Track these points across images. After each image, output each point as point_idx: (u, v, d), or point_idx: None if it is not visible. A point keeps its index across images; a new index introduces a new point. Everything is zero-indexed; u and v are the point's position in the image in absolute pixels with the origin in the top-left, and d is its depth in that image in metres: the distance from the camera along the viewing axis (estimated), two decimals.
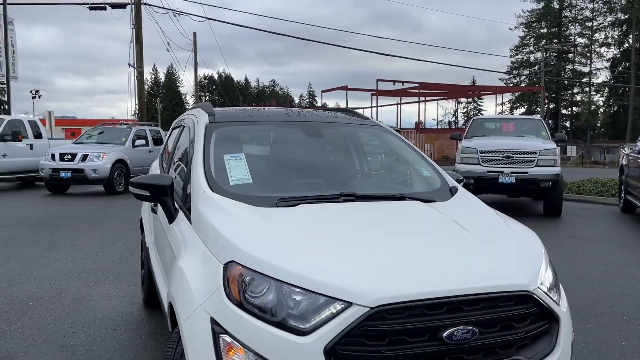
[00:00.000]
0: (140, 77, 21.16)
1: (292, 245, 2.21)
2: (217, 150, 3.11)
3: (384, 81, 46.24)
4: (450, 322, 1.98)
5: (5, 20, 19.53)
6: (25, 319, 4.41)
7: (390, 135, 3.74)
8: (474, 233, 2.53)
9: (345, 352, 1.89)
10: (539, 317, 2.19)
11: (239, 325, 1.99)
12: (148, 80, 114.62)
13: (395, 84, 46.70)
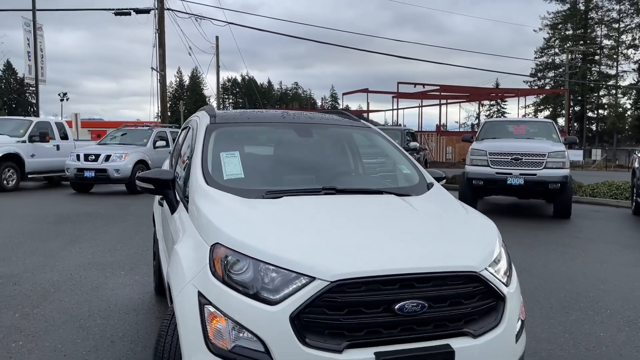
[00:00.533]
0: (162, 80, 21.77)
1: (269, 230, 2.54)
2: (215, 148, 3.45)
3: (405, 83, 46.33)
4: (403, 297, 2.28)
5: (35, 26, 20.34)
6: (47, 303, 4.82)
7: (378, 136, 4.04)
8: (435, 221, 2.82)
9: (308, 320, 2.20)
10: (486, 296, 2.46)
11: (221, 298, 2.31)
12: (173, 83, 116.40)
13: (416, 86, 46.71)
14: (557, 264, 6.67)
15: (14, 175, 14.28)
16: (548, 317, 4.66)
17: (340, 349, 2.19)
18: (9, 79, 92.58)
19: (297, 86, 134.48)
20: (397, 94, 48.63)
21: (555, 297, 5.27)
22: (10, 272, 5.85)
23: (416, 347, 2.28)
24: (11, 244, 7.32)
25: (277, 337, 2.18)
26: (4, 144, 14.05)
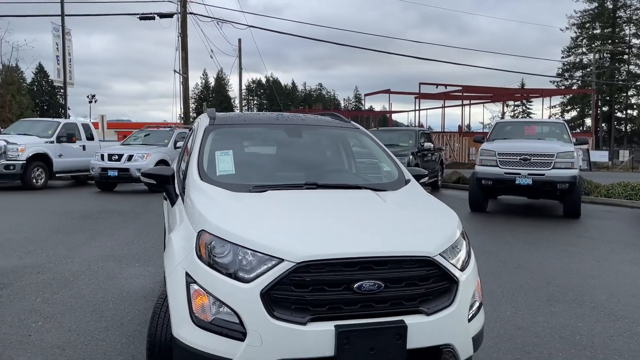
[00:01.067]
0: (185, 82, 22.36)
1: (249, 219, 2.87)
2: (213, 147, 3.81)
3: (427, 84, 46.27)
4: (361, 277, 2.59)
5: (63, 31, 21.12)
6: (66, 290, 5.25)
7: (365, 136, 4.34)
8: (399, 213, 3.12)
9: (277, 296, 2.53)
10: (440, 278, 2.75)
11: (204, 277, 2.66)
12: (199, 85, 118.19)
13: (438, 87, 46.61)
14: (553, 261, 6.86)
15: (42, 174, 14.95)
16: (532, 308, 4.90)
17: (304, 321, 2.51)
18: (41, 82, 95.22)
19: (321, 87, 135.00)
20: (419, 94, 48.64)
21: (543, 290, 5.49)
22: (35, 262, 6.32)
23: (373, 322, 2.58)
24: (38, 238, 7.82)
25: (249, 310, 2.51)
26: (33, 145, 14.73)
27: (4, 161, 14.11)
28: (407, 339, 2.59)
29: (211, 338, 2.56)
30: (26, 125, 16.45)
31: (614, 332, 4.33)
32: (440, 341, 2.69)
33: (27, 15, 24.63)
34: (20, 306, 4.74)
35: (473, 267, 3.02)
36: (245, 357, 2.49)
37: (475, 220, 10.50)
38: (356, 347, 2.53)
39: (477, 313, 2.96)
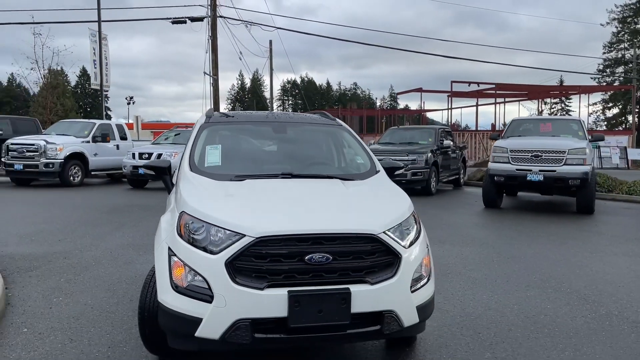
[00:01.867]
0: (215, 84, 23.14)
1: (223, 202, 3.35)
2: (206, 142, 4.32)
3: (458, 82, 46.03)
4: (313, 251, 3.02)
5: (100, 36, 22.20)
6: (87, 273, 5.86)
7: (347, 133, 4.77)
8: (357, 198, 3.55)
9: (239, 265, 2.99)
10: (384, 253, 3.16)
11: (182, 251, 3.14)
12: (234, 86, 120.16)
13: (470, 85, 46.28)
14: (548, 253, 7.11)
15: (79, 172, 15.87)
16: (509, 293, 5.22)
17: (261, 287, 2.97)
18: (84, 84, 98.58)
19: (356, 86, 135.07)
20: (451, 93, 48.42)
21: (526, 278, 5.79)
22: (63, 249, 6.98)
23: (321, 289, 3.01)
24: (68, 228, 8.53)
25: (216, 277, 2.99)
26: (70, 144, 15.67)
27: (44, 160, 15.07)
28: (351, 304, 3.02)
29: (186, 301, 3.05)
30: (64, 126, 17.46)
31: (578, 313, 4.63)
32: (382, 307, 3.10)
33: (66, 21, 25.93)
34: (46, 285, 5.36)
35: (420, 245, 3.41)
36: (212, 316, 2.97)
37: (485, 216, 10.74)
38: (305, 310, 2.97)
39: (423, 286, 3.35)
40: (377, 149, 15.34)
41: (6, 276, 5.57)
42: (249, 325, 2.94)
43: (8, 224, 8.93)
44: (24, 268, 5.97)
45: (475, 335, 4.10)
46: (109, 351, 3.74)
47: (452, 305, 4.82)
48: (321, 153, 4.65)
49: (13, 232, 8.14)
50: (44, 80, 29.59)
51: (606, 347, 3.88)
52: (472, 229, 8.95)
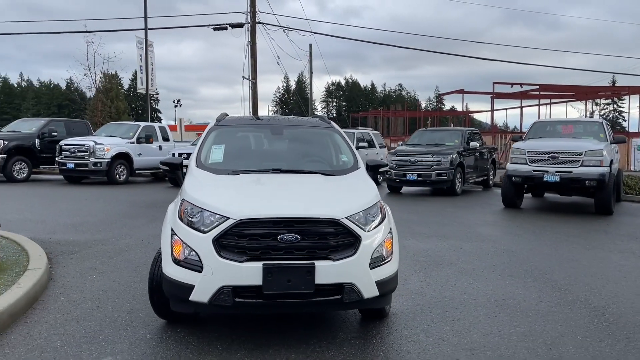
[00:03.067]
0: (254, 87, 24.10)
1: (216, 192, 4.05)
2: (212, 142, 5.04)
3: (500, 84, 45.55)
4: (285, 232, 3.66)
5: (146, 43, 23.54)
6: (119, 257, 6.69)
7: (336, 134, 5.39)
8: (330, 190, 4.18)
9: (224, 242, 3.66)
10: (346, 235, 3.76)
11: (181, 231, 3.85)
12: (280, 88, 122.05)
13: (513, 86, 45.79)
14: (545, 248, 7.49)
15: (124, 171, 17.04)
16: (489, 281, 5.71)
17: (241, 260, 3.63)
18: (136, 88, 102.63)
19: (401, 88, 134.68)
20: (494, 94, 47.96)
21: (512, 269, 6.24)
22: (101, 237, 7.88)
23: (290, 263, 3.65)
24: (108, 220, 9.48)
25: (205, 251, 3.67)
26: (117, 145, 16.85)
27: (93, 159, 16.29)
28: (315, 276, 3.64)
29: (183, 272, 3.75)
30: (112, 128, 18.73)
31: (546, 299, 5.08)
32: (343, 280, 3.71)
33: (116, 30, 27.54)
34: (83, 265, 6.21)
35: (383, 230, 3.99)
36: (202, 283, 3.66)
37: (500, 215, 11.09)
38: (277, 279, 3.62)
39: (383, 264, 3.92)
40: (403, 149, 15.84)
41: (51, 257, 6.45)
42: (231, 291, 3.61)
43: (58, 215, 9.96)
44: (67, 252, 6.86)
45: (442, 313, 4.64)
46: (127, 316, 4.50)
47: (432, 289, 5.36)
48: (311, 152, 5.28)
49: (61, 222, 9.14)
50: (95, 86, 31.37)
51: (557, 325, 4.36)
52: (481, 227, 9.37)
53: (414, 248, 7.35)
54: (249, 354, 3.74)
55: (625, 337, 4.14)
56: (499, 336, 4.11)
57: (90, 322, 4.33)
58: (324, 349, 3.84)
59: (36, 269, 5.42)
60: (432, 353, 3.80)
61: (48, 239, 7.55)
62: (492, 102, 49.57)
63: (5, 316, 4.21)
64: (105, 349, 3.80)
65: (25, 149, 17.10)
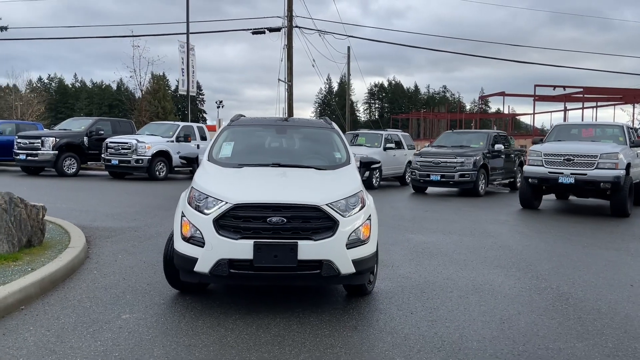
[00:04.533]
0: (290, 90, 24.94)
1: (219, 181, 4.78)
2: (224, 139, 5.78)
3: (542, 86, 45.04)
4: (273, 215, 4.35)
5: (188, 47, 24.75)
6: (148, 242, 7.53)
7: (335, 134, 6.04)
8: (319, 181, 4.85)
9: (222, 223, 4.38)
10: (326, 220, 4.41)
11: (189, 213, 4.59)
12: (322, 90, 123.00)
13: (556, 89, 45.16)
14: (542, 244, 7.91)
15: (164, 168, 18.13)
16: (475, 270, 6.22)
17: (236, 238, 4.34)
18: None
19: (445, 89, 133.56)
20: (535, 96, 47.35)
21: (500, 261, 6.72)
22: (135, 225, 8.78)
23: (277, 241, 4.33)
24: (143, 211, 10.41)
25: (206, 230, 4.40)
26: (157, 143, 17.96)
27: (135, 156, 17.43)
28: (298, 252, 4.31)
29: (189, 247, 4.49)
30: (153, 127, 19.91)
31: (519, 285, 5.58)
32: (321, 257, 4.36)
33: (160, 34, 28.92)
34: (116, 247, 7.08)
35: (361, 217, 4.61)
36: (203, 256, 4.38)
37: (513, 215, 11.46)
38: (265, 254, 4.30)
39: (359, 245, 4.55)
40: (428, 151, 16.28)
41: (90, 240, 7.35)
42: (227, 263, 4.33)
43: (100, 206, 10.98)
44: (104, 236, 7.77)
45: (420, 293, 5.23)
46: (147, 286, 5.29)
47: (418, 275, 5.94)
48: (309, 149, 5.95)
49: (102, 211, 10.12)
50: (140, 87, 32.97)
51: (518, 306, 4.88)
52: (489, 224, 9.80)
53: (416, 241, 7.91)
54: (242, 317, 4.45)
55: (578, 317, 4.62)
56: (462, 312, 4.67)
57: (115, 290, 5.14)
58: (306, 316, 4.50)
59: (75, 247, 6.30)
60: (398, 322, 4.41)
61: (89, 225, 8.50)
62: (533, 104, 49.03)
63: (47, 282, 5.06)
64: (125, 309, 4.58)
65: (75, 146, 18.44)
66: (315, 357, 3.69)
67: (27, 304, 4.62)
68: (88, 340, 3.89)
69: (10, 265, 5.38)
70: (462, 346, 3.92)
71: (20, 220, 6.05)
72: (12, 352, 3.66)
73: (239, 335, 4.04)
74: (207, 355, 3.68)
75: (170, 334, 4.05)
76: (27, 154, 17.86)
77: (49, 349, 3.73)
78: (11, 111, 42.00)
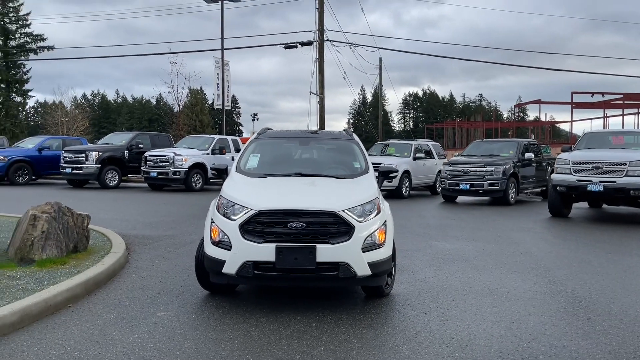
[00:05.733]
0: (321, 102, 25.43)
1: (245, 190, 5.18)
2: (252, 151, 6.20)
3: (579, 93, 44.29)
4: (293, 220, 4.71)
5: (223, 63, 25.57)
6: (183, 248, 8.00)
7: (355, 145, 6.37)
8: (338, 189, 5.19)
9: (247, 228, 4.76)
10: (342, 224, 4.75)
11: (217, 219, 5.00)
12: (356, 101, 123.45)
13: (594, 95, 44.37)
14: (564, 252, 8.02)
15: (200, 179, 18.79)
16: (492, 274, 6.42)
17: (260, 242, 4.71)
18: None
19: (481, 98, 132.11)
20: (573, 104, 46.54)
21: (519, 266, 6.90)
22: (171, 233, 9.29)
23: (297, 245, 4.68)
24: (180, 220, 10.94)
25: (233, 234, 4.79)
26: (193, 156, 18.65)
27: (173, 168, 18.15)
28: (316, 255, 4.65)
29: (218, 250, 4.90)
30: (190, 141, 20.67)
31: (534, 289, 5.77)
32: (338, 259, 4.69)
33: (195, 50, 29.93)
34: (153, 253, 7.56)
35: (377, 222, 4.93)
36: (230, 259, 4.78)
37: (541, 223, 11.51)
38: (286, 257, 4.66)
39: (374, 249, 4.86)
40: (457, 160, 16.41)
41: (130, 247, 7.87)
42: (252, 265, 4.71)
43: (139, 215, 11.59)
44: (142, 243, 8.28)
45: (436, 296, 5.48)
46: (180, 288, 5.72)
47: (437, 279, 6.18)
48: (330, 160, 6.31)
49: (141, 221, 10.70)
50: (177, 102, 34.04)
51: (530, 308, 5.08)
52: (515, 232, 9.92)
53: (439, 247, 8.14)
54: (266, 315, 4.81)
55: (587, 319, 4.80)
56: (474, 313, 4.91)
57: (151, 291, 5.58)
58: (325, 315, 4.83)
59: (116, 253, 6.81)
60: (411, 321, 4.69)
61: (129, 233, 9.05)
62: (571, 112, 48.14)
63: (91, 283, 5.55)
64: (160, 308, 5.01)
65: (116, 160, 19.33)
66: (330, 350, 4.01)
67: (73, 302, 5.11)
68: (127, 333, 4.32)
69: (59, 268, 5.90)
70: (469, 342, 4.18)
71: (67, 228, 6.60)
72: (61, 342, 4.12)
73: (262, 331, 4.40)
74: (232, 347, 4.05)
75: (200, 329, 4.45)
76: (72, 167, 18.82)
77: (93, 340, 4.17)
78: (57, 127, 43.90)
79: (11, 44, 50.57)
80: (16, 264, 6.05)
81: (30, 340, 4.15)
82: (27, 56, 50.65)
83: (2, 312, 4.34)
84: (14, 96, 50.88)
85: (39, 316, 4.66)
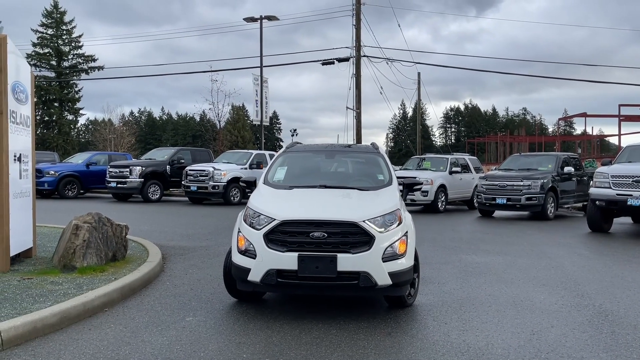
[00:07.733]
0: (358, 117, 25.64)
1: (271, 201, 5.38)
2: (279, 164, 6.43)
3: (627, 106, 43.03)
4: (315, 230, 4.88)
5: (262, 80, 26.15)
6: (216, 259, 8.26)
7: (380, 158, 6.50)
8: (358, 201, 5.33)
9: (271, 237, 4.96)
10: (363, 235, 4.88)
11: (244, 229, 5.22)
12: (397, 115, 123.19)
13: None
14: (599, 266, 7.87)
15: (238, 193, 19.21)
16: (519, 287, 6.40)
17: (283, 251, 4.90)
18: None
19: (525, 112, 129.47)
20: (621, 116, 45.21)
21: (547, 280, 6.83)
22: (206, 244, 9.59)
23: (319, 254, 4.84)
24: (215, 232, 11.27)
25: (258, 244, 4.99)
26: (232, 170, 19.10)
27: (212, 183, 18.64)
28: (337, 264, 4.80)
29: (244, 259, 5.11)
30: (229, 156, 21.19)
31: (560, 302, 5.72)
32: (359, 269, 4.82)
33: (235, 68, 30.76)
34: (187, 263, 7.86)
35: (398, 233, 5.04)
36: (255, 267, 4.98)
37: (579, 238, 11.29)
38: (308, 266, 4.83)
39: (395, 259, 4.96)
40: (494, 174, 16.25)
41: (166, 257, 8.20)
42: (275, 273, 4.89)
43: (177, 227, 11.99)
44: (178, 253, 8.61)
45: (458, 307, 5.52)
46: (210, 295, 5.95)
47: (462, 291, 6.21)
48: (354, 173, 6.46)
49: (178, 232, 11.09)
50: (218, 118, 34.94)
51: (553, 320, 5.06)
52: (549, 247, 9.77)
53: (468, 261, 8.13)
54: (288, 322, 4.97)
55: (611, 332, 4.75)
56: (495, 324, 4.94)
57: (183, 298, 5.84)
58: (346, 323, 4.96)
59: (152, 262, 7.12)
60: (430, 330, 4.76)
61: (166, 244, 9.41)
62: (619, 125, 46.78)
63: (127, 289, 5.85)
64: (189, 313, 5.25)
65: (158, 174, 20.00)
66: (347, 355, 4.14)
67: (109, 306, 5.41)
68: (156, 335, 4.56)
69: (98, 275, 6.24)
70: (486, 352, 4.22)
71: (107, 237, 6.97)
72: (96, 342, 4.39)
73: (284, 336, 4.57)
74: (253, 351, 4.23)
75: (225, 334, 4.65)
76: (117, 181, 19.59)
77: (125, 341, 4.43)
78: (105, 143, 45.68)
79: (64, 64, 53.16)
80: (59, 271, 6.43)
81: (68, 340, 4.44)
82: (79, 76, 53.12)
83: (43, 314, 4.67)
84: (67, 114, 53.29)
85: (77, 318, 4.97)
